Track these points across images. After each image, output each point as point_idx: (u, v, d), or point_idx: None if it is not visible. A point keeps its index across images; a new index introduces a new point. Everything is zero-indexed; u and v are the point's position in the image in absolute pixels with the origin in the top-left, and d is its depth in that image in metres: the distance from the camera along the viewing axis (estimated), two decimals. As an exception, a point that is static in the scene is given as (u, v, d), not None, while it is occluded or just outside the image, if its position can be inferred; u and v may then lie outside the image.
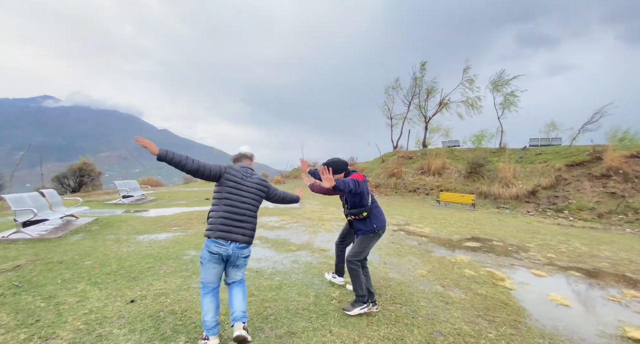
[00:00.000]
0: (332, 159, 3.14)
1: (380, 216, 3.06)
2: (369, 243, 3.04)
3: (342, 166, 3.09)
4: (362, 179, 2.92)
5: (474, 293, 3.68)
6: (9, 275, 3.55)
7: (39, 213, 5.37)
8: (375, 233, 3.04)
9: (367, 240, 3.04)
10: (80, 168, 15.96)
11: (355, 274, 2.97)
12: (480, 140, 22.45)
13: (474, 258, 5.23)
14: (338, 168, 3.06)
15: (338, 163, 3.08)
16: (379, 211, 3.08)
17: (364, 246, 3.03)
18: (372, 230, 3.00)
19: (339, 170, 3.07)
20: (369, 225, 3.00)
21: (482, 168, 15.95)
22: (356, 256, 3.00)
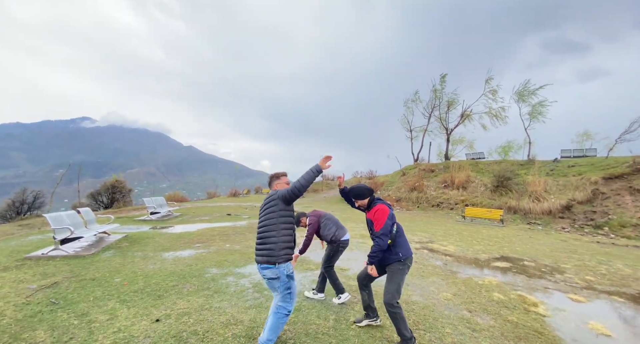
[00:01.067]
0: (354, 186, 3.12)
1: (405, 245, 2.93)
2: (400, 277, 2.83)
3: (365, 191, 3.03)
4: (387, 211, 2.85)
5: (504, 320, 3.47)
6: (47, 291, 3.78)
7: (75, 231, 5.74)
8: (402, 263, 2.87)
9: (397, 273, 2.84)
10: (113, 185, 16.92)
11: (397, 317, 2.73)
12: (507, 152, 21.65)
13: (503, 280, 4.95)
14: (360, 193, 3.01)
15: (360, 189, 3.03)
16: (404, 241, 2.96)
17: (397, 282, 2.81)
18: (397, 258, 2.85)
19: (361, 196, 3.02)
20: (394, 252, 2.87)
21: (509, 182, 15.27)
22: (395, 298, 2.75)
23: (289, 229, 2.56)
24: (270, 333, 2.44)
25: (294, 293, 2.56)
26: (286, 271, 2.47)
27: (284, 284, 2.48)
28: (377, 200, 3.03)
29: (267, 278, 2.47)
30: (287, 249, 2.49)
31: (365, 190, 3.04)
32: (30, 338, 2.72)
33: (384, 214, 2.83)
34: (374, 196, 3.07)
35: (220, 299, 3.68)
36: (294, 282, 2.57)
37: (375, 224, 2.85)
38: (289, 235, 2.53)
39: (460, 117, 24.21)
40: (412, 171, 22.32)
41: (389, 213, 2.86)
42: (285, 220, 2.53)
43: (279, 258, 2.43)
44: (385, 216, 2.82)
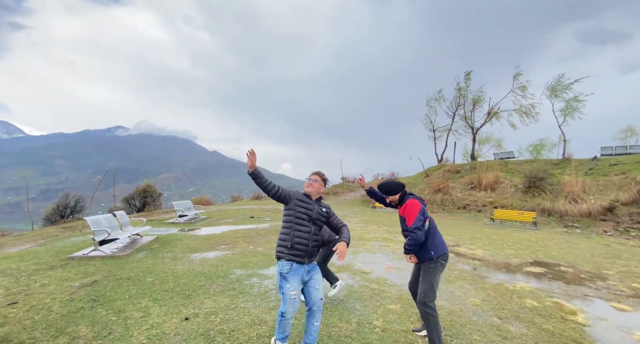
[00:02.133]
0: (385, 181, 3.08)
1: (439, 244, 2.81)
2: (434, 276, 2.74)
3: (395, 187, 2.96)
4: (419, 206, 2.76)
5: (538, 328, 3.28)
6: (87, 289, 4.07)
7: (112, 233, 6.13)
8: (435, 262, 2.75)
9: (430, 272, 2.76)
10: (144, 190, 17.89)
11: (430, 320, 2.64)
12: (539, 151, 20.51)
13: (537, 286, 4.68)
14: (390, 189, 2.95)
15: (390, 185, 2.97)
16: (438, 238, 2.83)
17: (430, 281, 2.73)
18: (430, 257, 2.75)
19: (392, 191, 2.96)
20: (426, 251, 2.77)
21: (543, 182, 14.43)
22: (428, 296, 2.67)
23: (285, 228, 2.60)
24: (275, 327, 2.62)
25: (286, 297, 2.42)
26: (279, 269, 2.51)
27: (278, 282, 2.52)
28: (409, 194, 2.93)
29: None
30: (279, 246, 2.55)
31: (396, 185, 2.97)
32: (74, 332, 2.94)
33: (415, 208, 2.74)
34: (405, 191, 2.98)
35: (245, 299, 3.77)
36: (286, 284, 2.43)
37: (407, 220, 2.77)
38: (283, 233, 2.59)
39: (487, 115, 23.24)
40: (436, 172, 21.68)
41: (420, 207, 2.76)
42: (284, 218, 2.67)
43: (275, 255, 2.57)
44: (416, 210, 2.73)
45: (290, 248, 2.48)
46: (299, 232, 2.53)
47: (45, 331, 2.95)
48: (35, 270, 4.90)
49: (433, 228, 2.84)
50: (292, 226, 2.55)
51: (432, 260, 2.75)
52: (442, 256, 2.79)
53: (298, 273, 2.47)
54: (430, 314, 2.63)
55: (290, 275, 2.44)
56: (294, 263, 2.47)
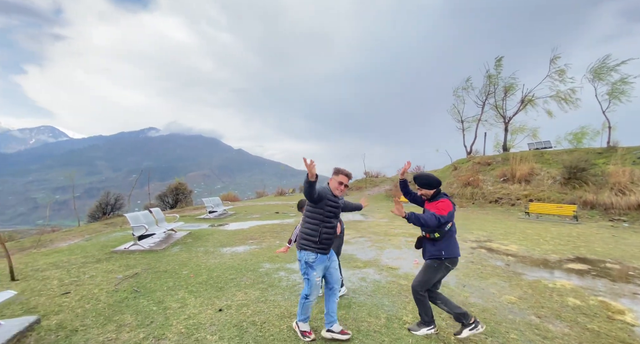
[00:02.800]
0: (423, 173, 3.00)
1: (452, 247, 2.77)
2: (433, 274, 2.79)
3: (433, 181, 2.85)
4: (451, 208, 2.71)
5: (582, 328, 3.08)
6: (130, 281, 4.38)
7: (149, 228, 6.52)
8: (442, 262, 2.75)
9: (431, 269, 2.79)
10: (176, 188, 18.82)
11: (420, 302, 2.88)
12: (580, 139, 18.98)
13: (580, 284, 4.38)
14: (428, 182, 2.85)
15: (428, 178, 2.87)
16: (453, 241, 2.79)
17: (427, 276, 2.80)
18: (437, 256, 2.74)
19: (429, 185, 2.85)
20: (437, 249, 2.75)
21: (584, 173, 13.38)
22: (420, 286, 2.82)
23: (313, 224, 2.71)
24: (297, 310, 2.83)
25: (312, 283, 2.69)
26: (304, 258, 2.69)
27: (302, 269, 2.74)
28: (444, 194, 2.88)
29: None
30: (305, 240, 2.70)
31: (435, 180, 2.87)
32: (120, 320, 3.18)
33: (448, 207, 2.69)
34: (440, 189, 2.91)
35: (275, 292, 3.88)
36: (312, 272, 2.67)
37: (437, 211, 2.69)
38: (310, 229, 2.71)
39: (520, 103, 21.82)
40: (465, 165, 20.82)
41: (452, 210, 2.70)
42: (309, 215, 2.75)
43: (300, 245, 2.74)
44: (448, 210, 2.67)
45: (318, 242, 2.67)
46: (326, 229, 2.70)
47: (95, 319, 3.21)
48: (84, 263, 5.34)
49: (452, 232, 2.81)
50: (320, 223, 2.70)
51: (438, 259, 2.75)
52: (451, 260, 2.77)
53: (322, 262, 2.73)
54: (420, 299, 2.85)
55: (315, 263, 2.68)
56: (318, 254, 2.69)
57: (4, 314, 3.33)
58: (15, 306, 3.52)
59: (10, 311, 3.40)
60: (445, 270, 2.80)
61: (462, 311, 2.77)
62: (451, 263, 2.78)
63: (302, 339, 2.74)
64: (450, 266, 2.79)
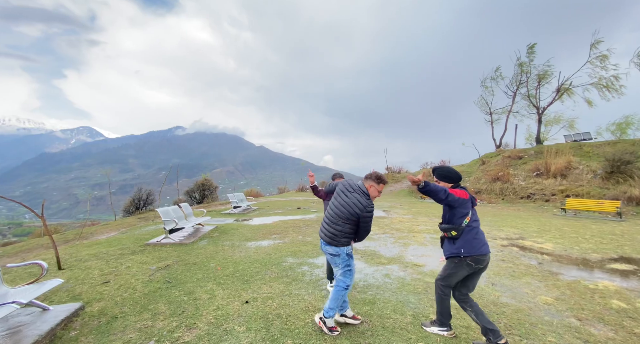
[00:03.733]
0: (444, 165, 2.92)
1: (474, 243, 2.59)
2: (454, 271, 2.66)
3: (453, 174, 2.78)
4: (465, 197, 2.61)
5: (629, 332, 2.86)
6: (163, 272, 4.61)
7: (178, 222, 6.82)
8: (461, 260, 2.60)
9: (451, 265, 2.68)
10: (203, 184, 19.51)
11: (439, 298, 2.78)
12: (625, 130, 17.54)
13: (625, 286, 4.06)
14: (446, 175, 2.79)
15: (449, 171, 2.81)
16: (474, 238, 2.61)
17: (448, 272, 2.70)
18: (456, 254, 2.61)
19: (448, 178, 2.78)
20: (455, 246, 2.63)
21: (629, 166, 12.36)
22: (441, 280, 2.75)
23: (353, 225, 2.78)
24: (331, 301, 2.77)
25: (353, 271, 2.87)
26: (345, 251, 2.81)
27: (345, 261, 2.81)
28: (461, 187, 2.77)
29: (329, 254, 2.85)
30: (345, 238, 2.80)
31: (455, 173, 2.78)
32: (155, 309, 3.35)
33: (459, 193, 2.61)
34: (459, 184, 2.80)
35: (298, 286, 3.92)
36: (353, 260, 2.87)
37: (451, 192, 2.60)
38: (350, 229, 2.79)
39: (556, 93, 20.44)
40: (494, 159, 19.88)
41: (463, 197, 2.59)
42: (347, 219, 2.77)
43: (340, 243, 2.79)
44: (458, 194, 2.58)
45: (356, 239, 2.90)
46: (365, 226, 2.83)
47: (132, 307, 3.42)
48: (121, 254, 5.69)
49: (472, 228, 2.63)
50: (356, 223, 2.79)
51: (458, 256, 2.61)
52: (473, 258, 2.57)
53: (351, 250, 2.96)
54: (439, 293, 2.77)
55: (352, 252, 2.92)
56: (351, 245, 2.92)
57: (53, 300, 3.63)
58: (62, 293, 3.82)
59: (57, 298, 3.69)
60: (468, 268, 2.61)
61: (493, 327, 2.52)
62: (474, 261, 2.58)
63: (327, 334, 2.74)
64: (474, 264, 2.59)
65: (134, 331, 2.89)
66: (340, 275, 2.81)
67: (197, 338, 2.73)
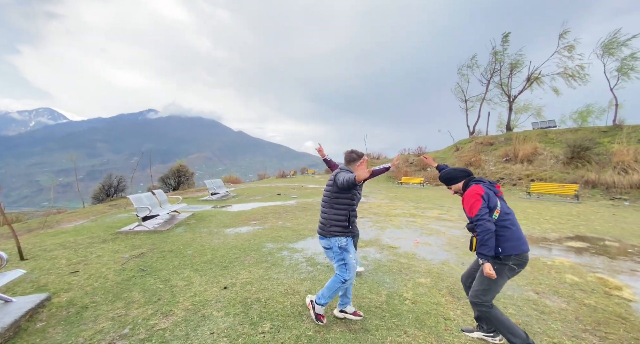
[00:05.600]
0: (444, 171, 2.68)
1: (512, 240, 2.22)
2: (494, 280, 2.24)
3: (455, 174, 2.57)
4: (481, 191, 2.30)
5: (579, 303, 3.16)
6: (136, 260, 4.47)
7: (152, 209, 6.58)
8: (502, 264, 2.23)
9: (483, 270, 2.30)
10: (178, 170, 18.87)
11: (489, 316, 2.31)
12: (585, 118, 18.70)
13: (578, 261, 4.45)
14: (448, 178, 2.59)
15: (449, 173, 2.60)
16: (511, 233, 2.24)
17: (487, 283, 2.27)
18: (494, 254, 2.25)
19: (450, 180, 2.59)
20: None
21: (588, 152, 13.29)
22: (479, 298, 2.31)
23: (343, 210, 2.64)
24: (325, 290, 2.68)
25: (350, 265, 2.62)
26: (336, 244, 2.63)
27: (337, 255, 2.65)
28: (475, 181, 2.47)
29: (323, 247, 2.74)
30: (335, 227, 2.62)
31: (456, 171, 2.57)
32: (128, 297, 3.27)
33: (473, 196, 2.29)
34: (470, 178, 2.52)
35: (278, 271, 3.96)
36: (348, 254, 2.64)
37: (467, 212, 2.32)
38: (340, 214, 2.64)
39: (526, 81, 21.28)
40: (468, 145, 20.66)
41: (483, 192, 2.29)
42: (340, 201, 2.65)
43: (328, 232, 2.64)
44: (475, 197, 2.27)
45: (348, 226, 2.65)
46: (353, 212, 2.71)
47: (104, 296, 3.31)
48: (90, 243, 5.44)
49: (506, 220, 2.27)
50: (349, 208, 2.67)
51: (497, 257, 2.24)
52: (514, 258, 2.21)
53: (351, 243, 2.73)
54: (486, 312, 2.29)
55: (348, 246, 2.68)
56: (348, 237, 2.69)
57: (15, 291, 3.43)
58: (25, 284, 3.62)
59: (21, 289, 3.50)
60: (510, 272, 2.24)
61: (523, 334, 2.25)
62: (517, 263, 2.22)
63: (308, 317, 2.81)
64: (516, 267, 2.24)
65: (107, 320, 2.81)
66: (337, 269, 2.68)
67: (173, 324, 2.71)
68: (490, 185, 2.43)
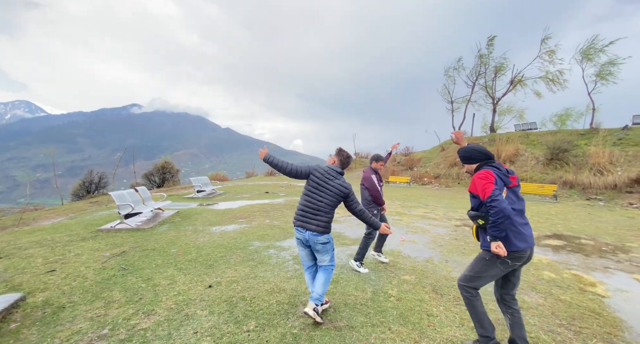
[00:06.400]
0: (465, 147, 2.44)
1: (516, 235, 2.11)
2: (484, 268, 2.20)
3: (472, 155, 2.34)
4: (492, 175, 2.13)
5: (555, 299, 3.28)
6: (118, 259, 4.34)
7: (135, 207, 6.40)
8: (493, 257, 2.14)
9: (481, 262, 2.23)
10: (163, 167, 18.42)
11: (469, 303, 2.28)
12: (564, 121, 19.38)
13: (555, 259, 4.63)
14: (466, 156, 2.38)
15: (469, 151, 2.36)
16: (515, 228, 2.11)
17: (475, 270, 2.24)
18: (486, 247, 2.19)
19: (468, 159, 2.37)
20: (486, 239, 2.20)
21: (566, 154, 13.81)
22: (466, 280, 2.28)
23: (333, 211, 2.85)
24: (322, 287, 2.72)
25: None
26: (330, 236, 2.83)
27: (330, 248, 2.82)
28: (488, 166, 2.27)
29: (320, 244, 2.77)
30: (331, 225, 2.86)
31: (475, 153, 2.33)
32: (108, 297, 3.17)
33: (483, 178, 2.12)
34: (487, 162, 2.31)
35: (264, 269, 3.93)
36: None
37: (481, 194, 2.11)
38: (331, 214, 2.83)
39: (510, 84, 21.92)
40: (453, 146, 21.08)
41: (494, 176, 2.12)
42: (335, 205, 2.82)
43: (328, 230, 2.78)
44: (486, 180, 2.10)
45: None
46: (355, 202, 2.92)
47: (82, 296, 3.20)
48: (69, 241, 5.25)
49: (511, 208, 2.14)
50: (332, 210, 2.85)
51: (488, 251, 2.17)
52: (512, 254, 2.10)
53: None
54: (466, 297, 2.29)
55: None
56: None
57: (-13, 292, 3.27)
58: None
59: (-7, 290, 3.34)
60: (502, 267, 2.15)
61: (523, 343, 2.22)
62: (513, 258, 2.11)
63: (294, 315, 2.80)
64: (510, 261, 2.12)
65: (85, 320, 2.72)
66: (330, 260, 2.81)
67: (155, 324, 2.65)
68: (506, 173, 2.24)
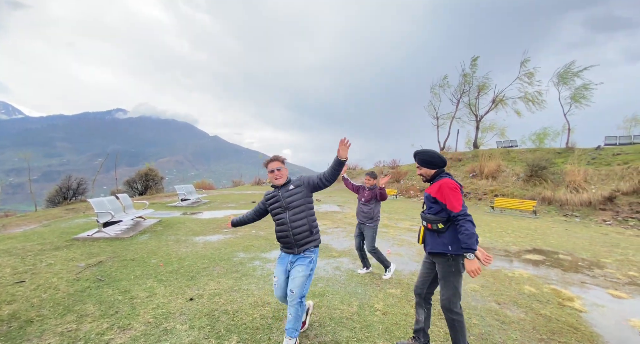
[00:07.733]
0: (425, 149, 2.45)
1: None
2: (456, 279, 2.23)
3: (436, 160, 2.37)
4: (459, 187, 2.23)
5: (536, 313, 3.34)
6: (93, 269, 4.14)
7: (115, 215, 6.18)
8: (456, 261, 2.22)
9: (450, 275, 2.25)
10: (146, 174, 17.92)
11: (456, 325, 2.26)
12: (542, 139, 20.30)
13: (535, 273, 4.74)
14: (428, 161, 2.38)
15: (432, 155, 2.38)
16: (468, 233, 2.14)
17: (453, 285, 2.24)
18: (443, 251, 2.23)
19: (430, 163, 2.38)
20: (441, 243, 2.24)
21: (544, 171, 14.39)
22: (453, 302, 2.25)
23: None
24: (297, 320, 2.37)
25: None
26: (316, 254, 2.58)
27: (313, 267, 2.51)
28: (447, 174, 2.37)
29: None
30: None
31: (439, 158, 2.37)
32: (81, 310, 3.00)
33: (453, 189, 2.19)
34: (443, 170, 2.40)
35: (248, 282, 3.84)
36: None
37: (448, 204, 2.17)
38: None
39: (492, 103, 22.91)
40: (438, 160, 21.65)
41: (458, 188, 2.22)
42: (312, 205, 2.58)
43: (316, 244, 2.54)
44: (456, 191, 2.18)
45: None
46: None
47: (52, 309, 3.01)
48: (41, 250, 4.97)
49: (465, 220, 2.21)
50: None
51: (448, 255, 2.23)
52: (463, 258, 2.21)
53: None
54: (457, 320, 2.25)
55: None
56: None
57: (-54, 305, 3.04)
58: (-41, 297, 3.22)
59: (-47, 302, 3.10)
60: (461, 269, 2.24)
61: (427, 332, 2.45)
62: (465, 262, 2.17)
63: (278, 330, 2.73)
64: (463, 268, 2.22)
65: (54, 335, 2.56)
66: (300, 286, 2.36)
67: (131, 339, 2.52)
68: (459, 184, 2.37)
